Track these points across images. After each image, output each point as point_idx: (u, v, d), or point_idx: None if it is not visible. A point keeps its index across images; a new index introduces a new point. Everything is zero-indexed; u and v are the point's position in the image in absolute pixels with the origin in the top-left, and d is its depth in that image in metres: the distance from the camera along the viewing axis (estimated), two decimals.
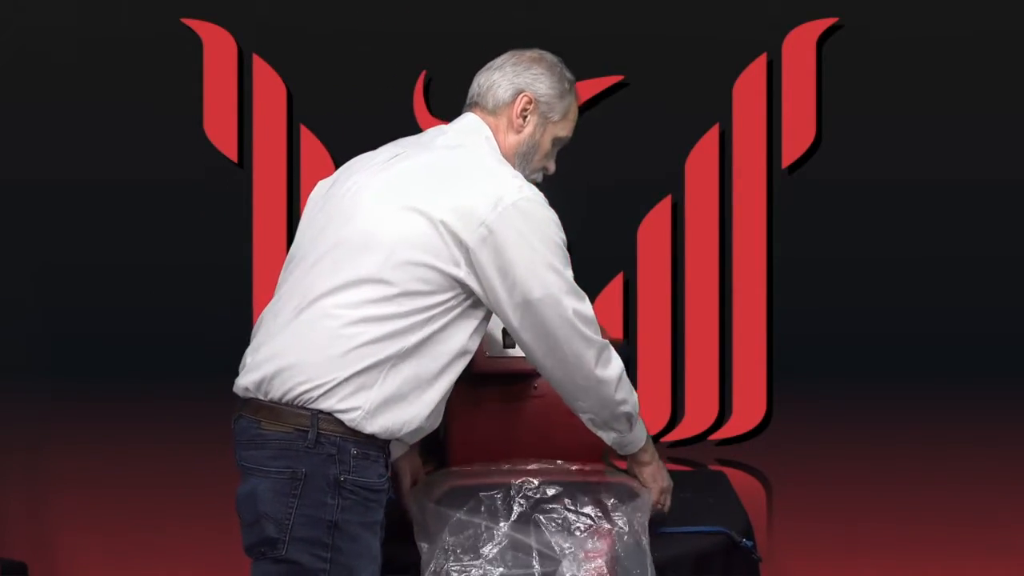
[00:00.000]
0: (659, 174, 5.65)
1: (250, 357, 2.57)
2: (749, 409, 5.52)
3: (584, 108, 5.76)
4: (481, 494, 2.66)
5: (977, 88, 6.40)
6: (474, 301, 2.54)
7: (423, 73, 5.77)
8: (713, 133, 5.58)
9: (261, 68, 5.82)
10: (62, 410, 5.98)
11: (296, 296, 2.53)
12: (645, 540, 2.63)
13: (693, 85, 5.89)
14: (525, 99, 2.72)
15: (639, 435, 2.74)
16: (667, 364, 5.52)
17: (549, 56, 2.79)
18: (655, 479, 2.79)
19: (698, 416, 5.56)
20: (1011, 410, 5.92)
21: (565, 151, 2.90)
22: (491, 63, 2.78)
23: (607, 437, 2.70)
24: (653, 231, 5.60)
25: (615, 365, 2.64)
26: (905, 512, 4.86)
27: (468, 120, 2.74)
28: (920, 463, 5.40)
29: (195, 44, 5.85)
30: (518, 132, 2.73)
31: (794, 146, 5.60)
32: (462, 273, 2.50)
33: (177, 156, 6.27)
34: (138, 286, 6.48)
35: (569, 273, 2.58)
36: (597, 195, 6.06)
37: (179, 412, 5.82)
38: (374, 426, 2.46)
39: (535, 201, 2.58)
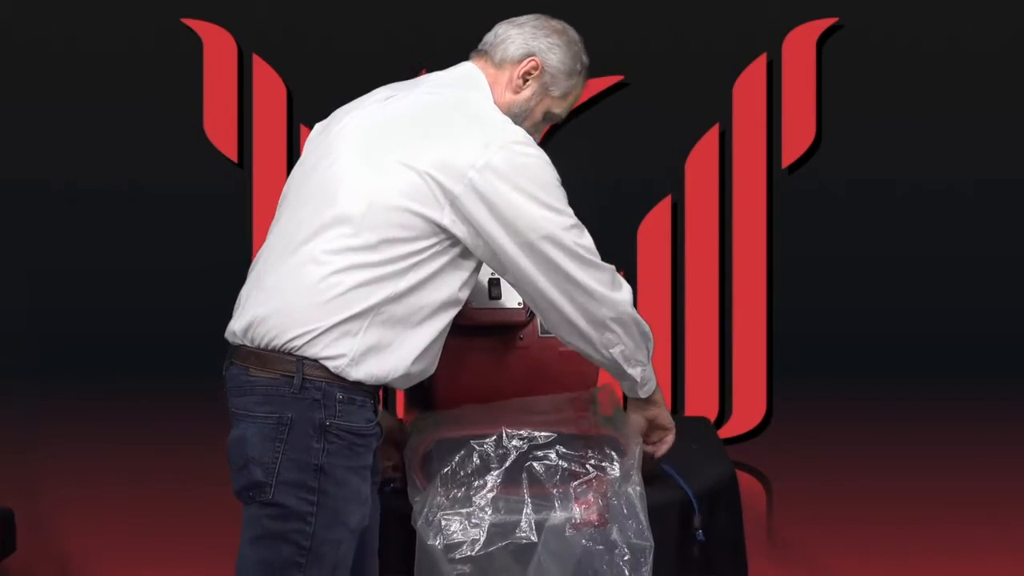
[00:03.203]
0: (659, 174, 5.65)
1: (242, 297, 2.60)
2: (749, 409, 5.52)
3: (584, 108, 5.79)
4: (472, 443, 2.65)
5: (977, 88, 6.41)
6: (462, 251, 2.52)
7: (423, 72, 5.77)
8: (713, 133, 5.59)
9: (261, 68, 5.82)
10: (61, 409, 5.99)
11: (283, 240, 2.54)
12: (637, 486, 2.63)
13: (693, 85, 5.89)
14: (532, 63, 2.69)
15: (652, 371, 2.74)
16: (667, 364, 5.52)
17: (572, 33, 2.76)
18: (671, 420, 2.80)
19: (697, 415, 5.56)
20: (1011, 410, 5.92)
21: (565, 150, 2.89)
22: (516, 18, 2.74)
23: (635, 373, 2.69)
24: (653, 231, 5.60)
25: (626, 286, 2.64)
26: (905, 511, 4.86)
27: (465, 68, 2.71)
28: (920, 462, 5.40)
29: (195, 44, 5.85)
30: (515, 93, 2.68)
31: (794, 146, 5.60)
32: (446, 220, 2.47)
33: (177, 156, 6.27)
34: (138, 286, 6.48)
35: (567, 209, 2.56)
36: (597, 195, 6.06)
37: (178, 411, 5.82)
38: (359, 373, 2.46)
39: (522, 143, 2.54)
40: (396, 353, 2.49)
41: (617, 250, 5.87)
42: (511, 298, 2.80)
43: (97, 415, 5.91)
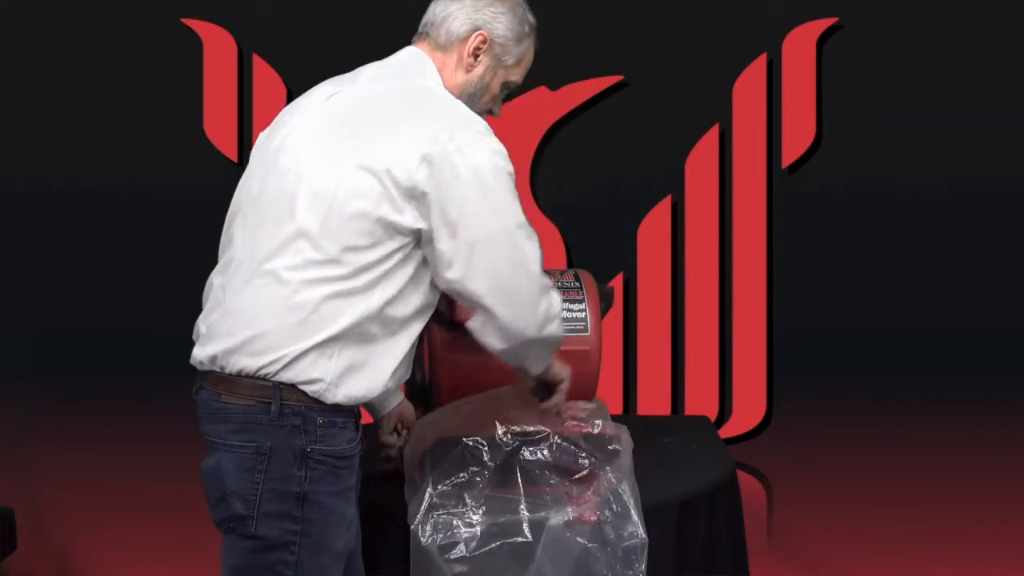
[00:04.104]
0: (659, 174, 5.65)
1: (203, 326, 2.46)
2: (749, 409, 5.52)
3: (584, 108, 5.78)
4: (467, 442, 2.63)
5: (977, 89, 6.41)
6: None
7: None
8: (713, 133, 5.58)
9: (261, 68, 5.82)
10: (61, 409, 5.98)
11: (243, 260, 2.42)
12: (630, 484, 2.62)
13: (693, 85, 5.89)
14: (480, 38, 2.53)
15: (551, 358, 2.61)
16: (667, 364, 5.52)
17: None
18: (561, 370, 2.66)
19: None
20: (1011, 410, 5.92)
21: (566, 150, 2.87)
22: None
23: (535, 369, 2.57)
24: (653, 231, 5.60)
25: (557, 303, 2.50)
26: (905, 511, 4.86)
27: (409, 54, 2.56)
28: (920, 463, 5.40)
29: (195, 44, 5.85)
30: (467, 71, 2.54)
31: (794, 146, 5.60)
32: (407, 220, 2.35)
33: (177, 156, 6.27)
34: (138, 286, 6.48)
35: (518, 207, 2.41)
36: (597, 195, 6.06)
37: (178, 410, 5.81)
38: (338, 396, 2.36)
39: (478, 132, 2.39)
40: (374, 371, 2.39)
41: (617, 250, 5.89)
42: None
43: (97, 415, 5.91)
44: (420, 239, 2.38)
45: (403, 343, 2.43)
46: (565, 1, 6.05)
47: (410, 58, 2.56)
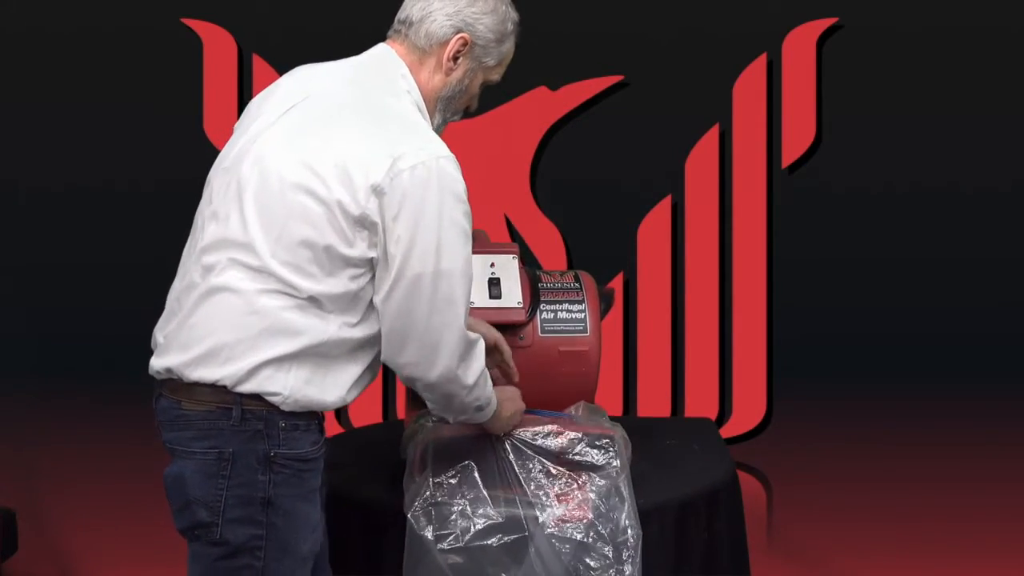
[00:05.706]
0: (659, 174, 5.65)
1: (160, 336, 2.45)
2: (749, 409, 5.52)
3: (584, 108, 5.77)
4: (467, 439, 2.64)
5: (977, 89, 6.40)
6: None
7: None
8: (713, 133, 5.58)
9: (261, 68, 5.81)
10: (61, 409, 5.98)
11: (200, 276, 2.41)
12: (625, 484, 2.63)
13: (693, 85, 5.89)
14: (461, 40, 2.45)
15: (487, 415, 2.55)
16: (667, 364, 5.52)
17: None
18: (505, 425, 2.63)
19: (698, 416, 5.56)
20: (1011, 410, 5.92)
21: (566, 150, 2.86)
22: None
23: (449, 418, 2.54)
24: (653, 231, 5.60)
25: (476, 365, 2.43)
26: (905, 512, 4.86)
27: (382, 56, 2.49)
28: (920, 463, 5.40)
29: (195, 44, 5.84)
30: (447, 75, 2.46)
31: (794, 146, 5.60)
32: (358, 251, 2.32)
33: (177, 156, 6.26)
34: (138, 286, 6.47)
35: (464, 251, 2.35)
36: (597, 195, 6.05)
37: None
38: (297, 407, 2.35)
39: (436, 167, 2.33)
40: (333, 385, 2.38)
41: (617, 250, 5.88)
42: (511, 298, 2.77)
43: (97, 415, 5.90)
44: (374, 267, 2.35)
45: (361, 361, 2.41)
46: (566, 1, 6.05)
47: (382, 63, 2.49)
